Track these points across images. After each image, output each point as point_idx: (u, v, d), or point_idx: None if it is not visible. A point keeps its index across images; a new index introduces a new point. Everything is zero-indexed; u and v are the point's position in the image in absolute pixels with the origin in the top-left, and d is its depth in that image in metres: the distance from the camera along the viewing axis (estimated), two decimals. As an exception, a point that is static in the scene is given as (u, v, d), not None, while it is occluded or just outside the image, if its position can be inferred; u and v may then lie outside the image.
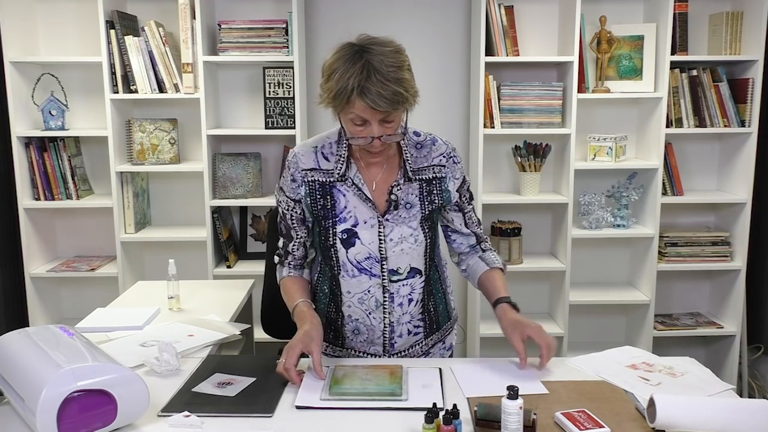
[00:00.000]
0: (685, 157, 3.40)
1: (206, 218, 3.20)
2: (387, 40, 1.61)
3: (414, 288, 1.80)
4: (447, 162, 1.80)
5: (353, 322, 1.81)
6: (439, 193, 1.78)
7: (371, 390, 1.56)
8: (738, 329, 3.30)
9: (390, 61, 1.56)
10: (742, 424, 1.35)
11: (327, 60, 1.62)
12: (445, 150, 1.81)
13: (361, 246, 1.74)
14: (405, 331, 1.83)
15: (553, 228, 3.49)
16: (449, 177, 1.80)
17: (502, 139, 3.37)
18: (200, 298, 2.38)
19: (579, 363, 1.77)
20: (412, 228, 1.75)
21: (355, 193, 1.73)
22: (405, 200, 1.75)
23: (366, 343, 1.83)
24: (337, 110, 1.64)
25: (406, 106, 1.63)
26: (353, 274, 1.76)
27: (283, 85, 3.20)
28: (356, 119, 1.61)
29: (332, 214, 1.74)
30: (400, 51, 1.61)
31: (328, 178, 1.75)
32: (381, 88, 1.54)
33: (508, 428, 1.33)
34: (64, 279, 3.35)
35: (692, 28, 3.25)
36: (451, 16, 3.39)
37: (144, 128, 3.19)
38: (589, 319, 3.54)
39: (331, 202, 1.75)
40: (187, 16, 3.06)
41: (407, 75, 1.60)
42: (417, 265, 1.79)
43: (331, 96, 1.59)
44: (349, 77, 1.54)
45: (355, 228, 1.73)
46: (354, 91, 1.54)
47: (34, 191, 3.19)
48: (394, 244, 1.74)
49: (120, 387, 1.36)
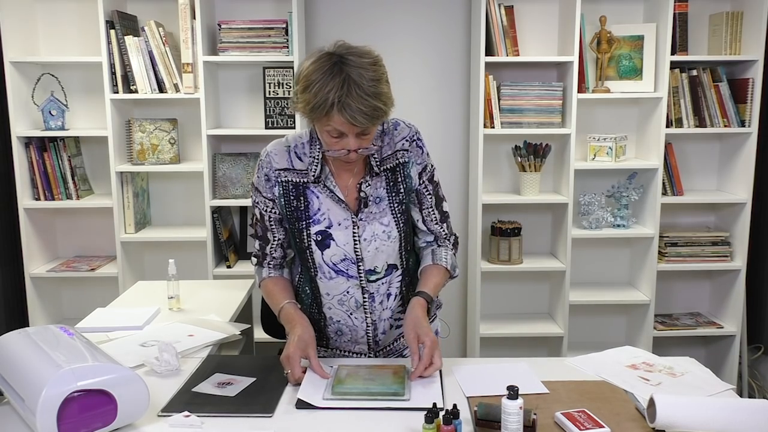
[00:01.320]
0: (685, 157, 3.40)
1: (206, 218, 3.20)
2: (365, 51, 1.58)
3: (392, 283, 1.78)
4: (410, 146, 1.74)
5: (335, 323, 1.80)
6: (404, 180, 1.74)
7: (374, 390, 1.56)
8: (738, 329, 3.30)
9: (370, 75, 1.54)
10: (742, 424, 1.35)
11: (303, 68, 1.58)
12: (407, 134, 1.75)
13: (336, 248, 1.72)
14: (387, 326, 1.82)
15: (553, 228, 3.49)
16: (412, 162, 1.75)
17: (502, 139, 3.37)
18: (200, 298, 2.38)
19: (579, 363, 1.76)
20: (384, 225, 1.72)
21: (328, 195, 1.71)
22: (374, 195, 1.72)
23: (350, 343, 1.83)
24: (313, 122, 1.62)
25: (384, 119, 1.61)
26: (330, 276, 1.74)
27: (283, 85, 3.20)
28: (333, 132, 1.58)
29: (306, 215, 1.72)
30: (377, 62, 1.58)
31: (302, 179, 1.72)
32: (360, 103, 1.51)
33: (508, 428, 1.33)
34: (64, 279, 3.35)
35: (692, 28, 3.25)
36: (451, 16, 3.39)
37: (144, 128, 3.19)
38: (589, 319, 3.54)
39: (305, 203, 1.72)
40: (187, 16, 3.06)
41: (385, 88, 1.57)
42: (393, 261, 1.77)
43: (309, 108, 1.56)
44: (328, 91, 1.51)
45: (329, 230, 1.71)
46: (334, 107, 1.51)
47: (34, 191, 3.19)
48: (368, 243, 1.72)
49: (120, 387, 1.36)
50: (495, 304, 3.53)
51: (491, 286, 3.48)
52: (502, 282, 3.52)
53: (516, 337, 3.39)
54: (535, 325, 3.40)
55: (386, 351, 1.86)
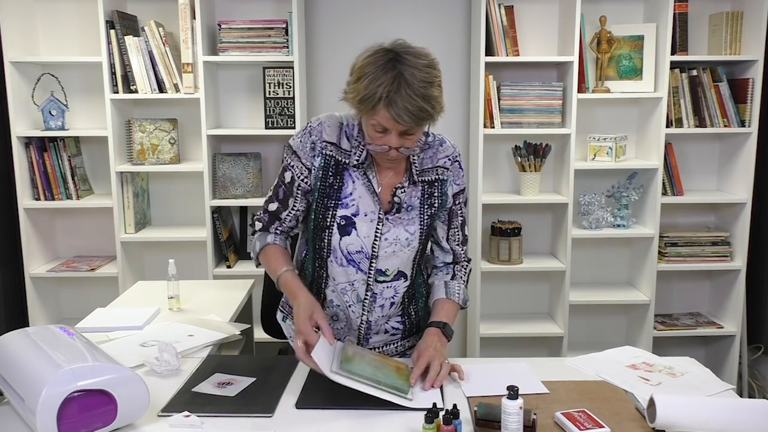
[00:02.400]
0: (685, 157, 3.40)
1: (206, 218, 3.20)
2: (422, 52, 1.58)
3: (397, 291, 1.78)
4: (451, 166, 1.78)
5: (334, 307, 1.79)
6: (439, 195, 1.77)
7: (381, 379, 1.55)
8: (738, 329, 3.30)
9: (422, 75, 1.53)
10: (742, 424, 1.35)
11: (358, 60, 1.59)
12: (451, 153, 1.78)
13: (356, 237, 1.70)
14: (381, 330, 1.82)
15: (553, 228, 3.49)
16: (450, 181, 1.78)
17: (502, 139, 3.37)
18: (200, 298, 2.38)
19: (579, 363, 1.77)
20: (409, 232, 1.73)
21: (365, 183, 1.71)
22: (407, 203, 1.74)
23: (342, 331, 1.82)
24: (360, 114, 1.62)
25: (430, 122, 1.60)
26: (341, 263, 1.73)
27: (283, 85, 3.20)
28: (377, 126, 1.58)
29: (337, 195, 1.71)
30: (433, 65, 1.57)
31: (344, 159, 1.71)
32: (408, 102, 1.51)
33: (508, 428, 1.33)
34: (64, 279, 3.35)
35: (692, 28, 3.25)
36: (451, 16, 3.39)
37: (144, 128, 3.19)
38: (589, 319, 3.54)
39: (339, 183, 1.71)
40: (187, 16, 3.06)
41: (436, 92, 1.56)
42: (404, 269, 1.77)
43: (357, 99, 1.56)
44: (378, 85, 1.51)
45: (355, 218, 1.70)
46: (381, 101, 1.52)
47: (34, 191, 3.19)
48: (387, 244, 1.72)
49: (120, 387, 1.36)
50: (495, 304, 3.53)
51: (491, 286, 3.48)
52: (502, 282, 3.52)
53: (516, 337, 3.39)
54: (535, 325, 3.40)
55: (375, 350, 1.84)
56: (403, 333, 1.86)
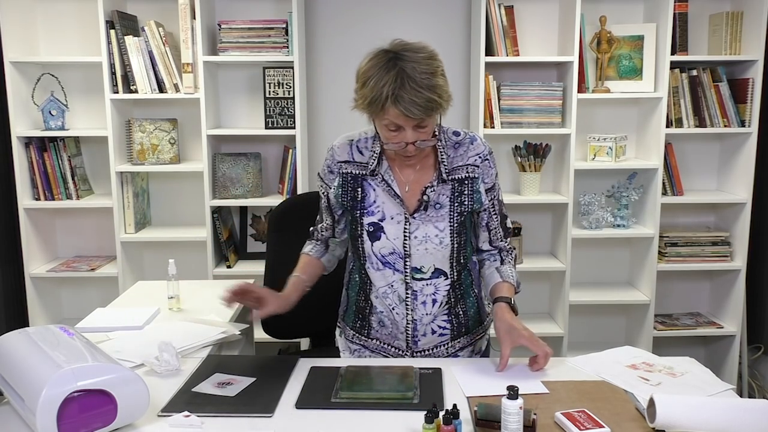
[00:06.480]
0: (685, 157, 3.40)
1: (206, 218, 3.20)
2: (420, 46, 1.63)
3: (438, 289, 1.81)
4: (482, 163, 1.80)
5: (378, 313, 1.84)
6: (470, 194, 1.79)
7: (381, 392, 1.56)
8: (738, 329, 3.30)
9: (423, 68, 1.59)
10: (742, 424, 1.35)
11: (361, 66, 1.65)
12: (482, 151, 1.81)
13: (386, 240, 1.77)
14: (429, 330, 1.84)
15: (553, 228, 3.49)
16: (481, 179, 1.80)
17: (502, 139, 3.37)
18: (200, 298, 2.38)
19: (579, 363, 1.76)
20: (438, 229, 1.76)
21: (384, 189, 1.77)
22: (435, 201, 1.77)
23: (390, 337, 1.85)
24: (372, 116, 1.67)
25: (440, 111, 1.65)
26: (377, 267, 1.80)
27: (283, 85, 3.20)
28: (390, 125, 1.64)
29: (361, 206, 1.79)
30: (433, 57, 1.63)
31: (361, 171, 1.79)
32: (414, 95, 1.56)
33: (508, 428, 1.33)
34: (64, 279, 3.35)
35: (692, 28, 3.25)
36: (451, 16, 3.39)
37: (144, 128, 3.19)
38: (589, 319, 3.54)
39: (362, 194, 1.79)
40: (187, 16, 3.06)
41: (441, 81, 1.62)
42: (441, 266, 1.80)
43: (366, 103, 1.62)
44: (383, 85, 1.57)
45: (382, 222, 1.77)
46: (388, 99, 1.57)
47: (34, 191, 3.19)
48: (418, 242, 1.76)
49: (120, 387, 1.36)
50: (495, 304, 3.53)
51: (491, 286, 3.47)
52: (502, 282, 3.52)
53: (516, 337, 3.38)
54: (534, 325, 3.39)
55: (424, 354, 1.87)
56: (451, 333, 1.87)
